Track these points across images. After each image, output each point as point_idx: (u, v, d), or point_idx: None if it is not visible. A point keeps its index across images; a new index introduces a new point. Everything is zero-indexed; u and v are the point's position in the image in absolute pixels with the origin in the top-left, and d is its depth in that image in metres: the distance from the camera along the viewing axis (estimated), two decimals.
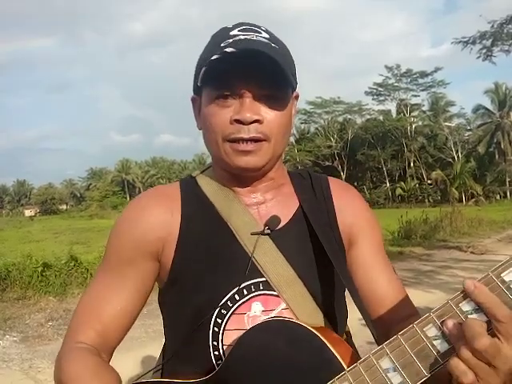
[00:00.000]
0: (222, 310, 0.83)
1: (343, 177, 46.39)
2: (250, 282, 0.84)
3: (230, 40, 0.82)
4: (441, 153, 43.62)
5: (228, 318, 0.83)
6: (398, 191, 44.21)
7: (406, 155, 44.59)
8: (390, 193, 45.30)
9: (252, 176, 0.89)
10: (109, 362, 0.88)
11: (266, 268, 0.84)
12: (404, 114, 45.64)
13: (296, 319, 0.82)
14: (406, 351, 0.63)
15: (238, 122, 0.81)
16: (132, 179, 70.25)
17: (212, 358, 0.83)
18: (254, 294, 0.84)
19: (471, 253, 10.45)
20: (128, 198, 65.18)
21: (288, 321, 0.77)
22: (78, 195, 79.77)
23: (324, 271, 0.87)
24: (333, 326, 0.87)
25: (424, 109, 47.10)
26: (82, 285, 7.21)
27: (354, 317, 0.95)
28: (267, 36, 0.85)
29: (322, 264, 0.87)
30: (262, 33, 0.85)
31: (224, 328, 0.83)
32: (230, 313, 0.83)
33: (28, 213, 70.94)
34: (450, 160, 43.04)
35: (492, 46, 11.38)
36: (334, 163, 47.07)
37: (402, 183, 44.45)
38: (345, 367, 0.69)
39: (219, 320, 0.83)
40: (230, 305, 0.83)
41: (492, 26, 11.13)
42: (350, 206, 0.95)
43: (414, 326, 0.63)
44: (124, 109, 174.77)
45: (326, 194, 0.94)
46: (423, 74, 44.79)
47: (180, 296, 0.87)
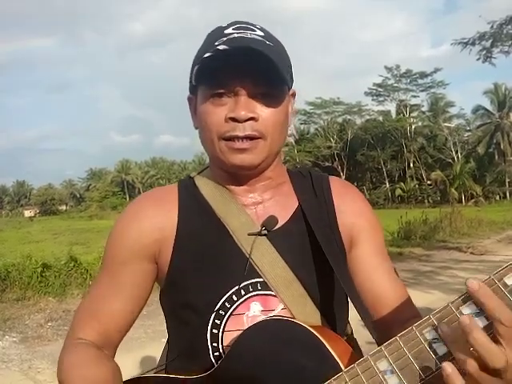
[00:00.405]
0: (220, 311, 0.83)
1: (343, 177, 46.31)
2: (247, 283, 0.84)
3: (224, 38, 0.81)
4: (440, 153, 43.62)
5: (227, 319, 0.83)
6: (398, 192, 44.21)
7: (405, 156, 44.59)
8: (389, 193, 45.31)
9: (249, 175, 0.89)
10: (113, 358, 0.89)
11: (264, 269, 0.84)
12: (404, 115, 45.64)
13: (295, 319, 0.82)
14: (404, 353, 0.62)
15: (232, 119, 0.81)
16: (132, 180, 70.24)
17: (212, 359, 0.83)
18: (251, 294, 0.84)
19: (471, 253, 10.46)
20: (128, 199, 65.18)
21: (286, 320, 0.76)
22: (78, 196, 79.77)
23: (323, 272, 0.86)
24: (331, 326, 0.86)
25: (423, 109, 47.17)
26: (81, 285, 7.21)
27: (353, 317, 0.95)
28: (262, 34, 0.85)
29: (321, 264, 0.86)
30: (257, 31, 0.85)
31: (223, 329, 0.83)
32: (228, 314, 0.83)
33: (28, 213, 70.93)
34: (450, 160, 43.05)
35: (491, 47, 11.37)
36: (334, 164, 47.07)
37: (402, 184, 44.45)
38: (342, 367, 0.68)
39: (218, 321, 0.83)
40: (228, 306, 0.83)
41: (491, 26, 11.13)
42: (351, 206, 0.94)
43: (413, 329, 0.63)
44: (124, 109, 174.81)
45: (327, 194, 0.93)
46: (423, 75, 44.80)
47: (178, 297, 0.87)
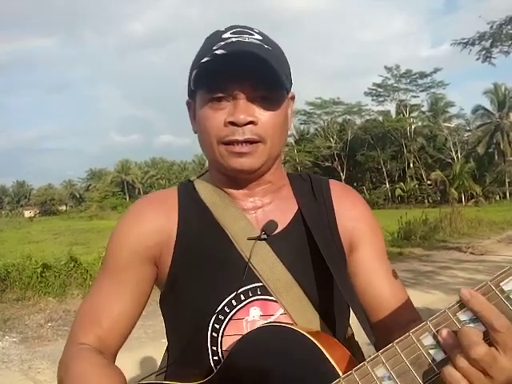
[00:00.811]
0: (220, 316, 0.83)
1: (343, 177, 46.42)
2: (247, 287, 0.84)
3: (222, 43, 0.81)
4: (440, 153, 43.64)
5: (226, 324, 0.83)
6: (398, 192, 44.22)
7: (405, 156, 44.59)
8: (389, 193, 45.31)
9: (248, 179, 0.89)
10: (113, 362, 0.88)
11: (263, 273, 0.84)
12: (403, 115, 45.63)
13: (294, 324, 0.82)
14: (402, 360, 0.62)
15: (232, 123, 0.81)
16: (132, 180, 70.25)
17: (211, 362, 0.83)
18: (251, 298, 0.84)
19: (471, 253, 10.45)
20: (128, 199, 65.18)
21: (284, 326, 0.76)
22: (78, 196, 79.79)
23: (323, 276, 0.86)
24: (332, 330, 0.86)
25: (423, 109, 47.16)
26: (81, 286, 7.21)
27: (355, 319, 0.95)
28: (260, 38, 0.85)
29: (321, 269, 0.85)
30: (255, 34, 0.85)
31: (223, 333, 0.83)
32: (227, 318, 0.83)
33: (27, 214, 70.90)
34: (450, 161, 43.07)
35: (491, 47, 11.38)
36: (334, 164, 47.09)
37: (402, 184, 44.46)
38: (340, 374, 0.68)
39: (217, 325, 0.83)
40: (228, 310, 0.83)
41: (491, 26, 11.13)
42: (351, 209, 0.94)
43: (410, 335, 0.63)
44: (124, 109, 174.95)
45: (327, 198, 0.93)
46: (423, 75, 44.80)
47: (178, 301, 0.87)
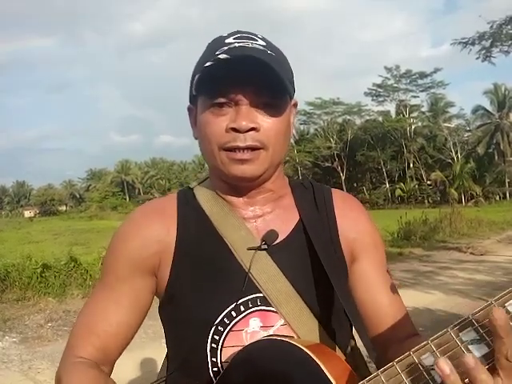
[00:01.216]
0: (219, 327, 0.82)
1: (343, 178, 46.45)
2: (247, 298, 0.83)
3: (225, 48, 0.80)
4: (440, 154, 43.65)
5: (226, 335, 0.82)
6: (398, 192, 44.24)
7: (405, 156, 44.61)
8: (389, 194, 45.34)
9: (249, 187, 0.87)
10: (110, 372, 0.88)
11: (264, 284, 0.83)
12: (403, 115, 45.65)
13: (295, 335, 0.81)
14: (402, 379, 0.60)
15: (234, 130, 0.79)
16: (132, 180, 70.25)
17: (211, 374, 0.82)
18: (251, 309, 0.83)
19: (471, 254, 10.45)
20: (128, 199, 65.25)
21: (282, 340, 0.74)
22: (78, 196, 79.79)
23: (324, 286, 0.84)
24: (333, 341, 0.85)
25: (423, 110, 47.23)
26: (81, 286, 7.22)
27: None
28: (263, 43, 0.84)
29: (322, 279, 0.84)
30: (258, 40, 0.84)
31: (222, 345, 0.82)
32: (227, 330, 0.82)
33: (27, 214, 70.93)
34: (450, 161, 43.09)
35: (491, 47, 11.36)
36: (334, 164, 47.09)
37: (402, 184, 44.48)
38: None
39: (216, 337, 0.82)
40: (227, 322, 0.82)
41: (491, 26, 11.12)
42: (353, 220, 0.92)
43: (410, 354, 0.61)
44: (124, 109, 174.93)
45: (329, 207, 0.92)
46: (422, 75, 44.82)
47: (177, 312, 0.86)
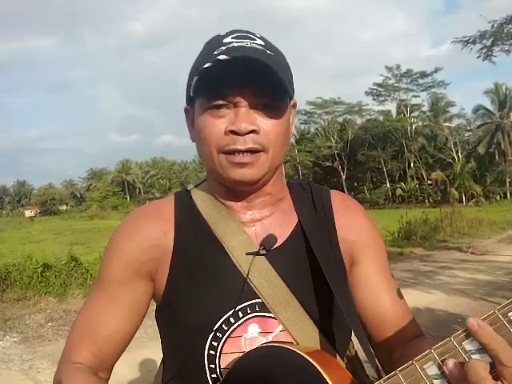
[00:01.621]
0: (218, 334, 0.80)
1: (343, 177, 46.45)
2: (245, 304, 0.81)
3: (224, 48, 0.78)
4: (441, 153, 43.65)
5: (224, 342, 0.80)
6: (398, 192, 44.23)
7: (406, 156, 44.60)
8: (390, 193, 45.31)
9: (248, 190, 0.86)
10: (108, 378, 0.87)
11: (262, 289, 0.81)
12: (404, 115, 45.65)
13: (294, 341, 0.80)
14: None
15: (233, 132, 0.78)
16: (132, 179, 70.24)
17: (210, 380, 0.81)
18: (249, 315, 0.81)
19: (471, 253, 10.45)
20: (128, 199, 65.28)
21: (282, 347, 0.74)
22: (78, 196, 79.83)
23: (323, 291, 0.83)
24: (333, 346, 0.84)
25: (424, 109, 47.22)
26: (82, 285, 7.22)
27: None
28: (262, 43, 0.81)
29: (321, 284, 0.82)
30: (257, 40, 0.82)
31: (220, 351, 0.80)
32: (225, 336, 0.80)
33: (28, 213, 70.89)
34: (450, 160, 43.08)
35: (492, 46, 11.35)
36: (334, 164, 47.09)
37: (402, 184, 44.47)
38: None
39: (215, 343, 0.80)
40: (226, 328, 0.80)
41: (492, 25, 11.10)
42: (352, 222, 0.91)
43: (413, 363, 0.60)
44: (124, 109, 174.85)
45: (328, 210, 0.90)
46: (423, 75, 44.82)
47: (174, 317, 0.84)
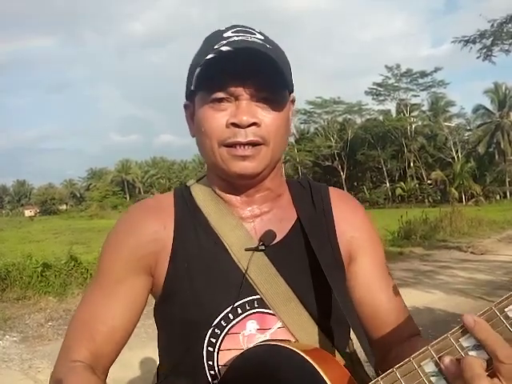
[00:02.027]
0: (216, 330, 0.80)
1: (343, 177, 46.44)
2: (244, 301, 0.81)
3: (224, 41, 0.78)
4: (441, 153, 43.68)
5: (222, 338, 0.80)
6: (398, 191, 44.26)
7: (405, 155, 44.60)
8: (389, 193, 45.33)
9: (248, 184, 0.85)
10: (106, 376, 0.86)
11: (261, 286, 0.81)
12: (404, 114, 45.66)
13: (292, 338, 0.80)
14: None
15: (234, 125, 0.78)
16: (132, 179, 70.25)
17: (208, 377, 0.80)
18: (248, 312, 0.81)
19: (471, 253, 10.44)
20: (128, 198, 65.26)
21: (281, 346, 0.73)
22: (78, 195, 79.79)
23: (322, 288, 0.83)
24: (331, 343, 0.84)
25: (424, 109, 47.27)
26: (81, 285, 7.21)
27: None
28: (261, 37, 0.82)
29: (320, 280, 0.82)
30: (257, 34, 0.82)
31: (219, 348, 0.80)
32: (224, 333, 0.80)
33: (28, 213, 70.86)
34: (450, 160, 43.10)
35: (492, 46, 11.33)
36: (334, 163, 47.09)
37: (402, 183, 44.51)
38: None
39: (213, 340, 0.80)
40: (224, 324, 0.80)
41: (492, 25, 11.09)
42: (351, 219, 0.91)
43: (410, 360, 0.60)
44: (124, 109, 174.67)
45: (326, 206, 0.90)
46: (423, 74, 44.82)
47: (172, 313, 0.84)
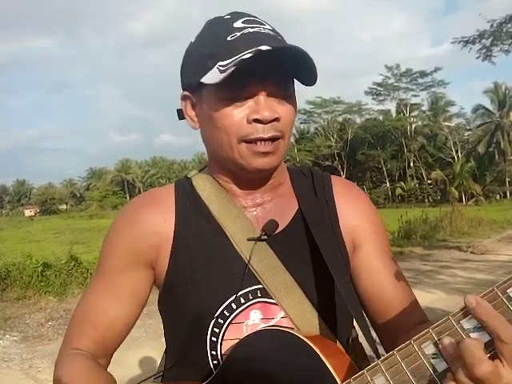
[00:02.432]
0: (219, 320, 0.80)
1: (343, 177, 46.33)
2: (247, 290, 0.81)
3: (238, 33, 0.76)
4: (440, 153, 43.63)
5: (226, 328, 0.80)
6: (398, 191, 44.23)
7: (405, 155, 44.57)
8: (389, 193, 45.30)
9: (256, 177, 0.85)
10: (107, 365, 0.87)
11: (264, 275, 0.81)
12: (404, 114, 45.62)
13: (295, 327, 0.80)
14: (402, 369, 0.59)
15: (256, 121, 0.76)
16: (132, 179, 70.19)
17: (212, 367, 0.81)
18: (251, 301, 0.81)
19: (471, 253, 10.43)
20: (128, 198, 65.16)
21: (282, 331, 0.73)
22: (78, 195, 79.72)
23: (324, 277, 0.82)
24: (334, 333, 0.84)
25: (424, 109, 47.20)
26: (82, 285, 7.20)
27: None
28: (270, 28, 0.81)
29: (323, 269, 0.82)
30: (266, 25, 0.81)
31: (222, 338, 0.80)
32: (227, 322, 0.80)
33: (28, 213, 70.79)
34: (450, 160, 43.06)
35: (491, 46, 11.34)
36: (334, 163, 47.06)
37: (402, 183, 44.47)
38: (338, 382, 0.66)
39: (216, 330, 0.80)
40: (227, 314, 0.80)
41: (491, 25, 11.09)
42: (353, 207, 0.90)
43: (411, 342, 0.60)
44: (124, 109, 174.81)
45: (328, 195, 0.89)
46: (423, 74, 44.76)
47: (176, 304, 0.84)
